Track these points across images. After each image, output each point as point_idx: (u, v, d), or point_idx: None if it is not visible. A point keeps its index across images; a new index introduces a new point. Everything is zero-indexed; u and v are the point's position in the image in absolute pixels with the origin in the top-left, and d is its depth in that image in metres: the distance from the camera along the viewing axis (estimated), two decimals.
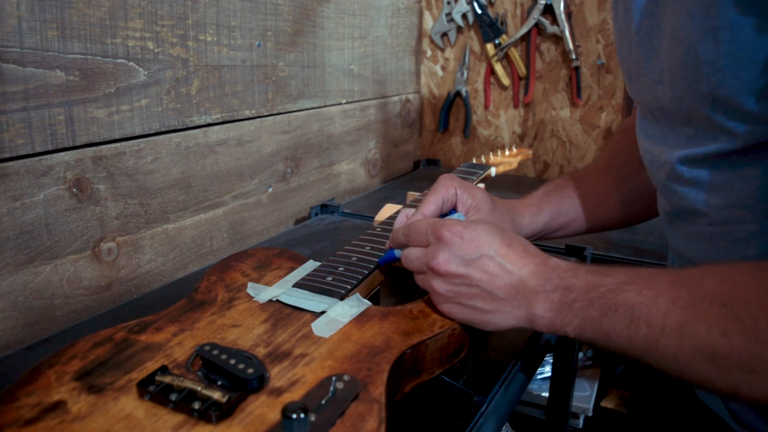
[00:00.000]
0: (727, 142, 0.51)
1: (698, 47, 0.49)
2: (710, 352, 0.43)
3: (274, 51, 1.07)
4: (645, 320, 0.47)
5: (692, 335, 0.44)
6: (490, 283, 0.54)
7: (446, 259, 0.55)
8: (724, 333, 0.43)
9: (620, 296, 0.48)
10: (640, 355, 0.48)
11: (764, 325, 0.41)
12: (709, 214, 0.56)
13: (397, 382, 0.52)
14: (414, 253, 0.60)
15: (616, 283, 0.50)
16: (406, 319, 0.58)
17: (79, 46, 0.74)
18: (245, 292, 0.63)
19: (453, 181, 0.71)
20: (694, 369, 0.45)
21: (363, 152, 1.40)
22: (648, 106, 0.62)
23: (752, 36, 0.46)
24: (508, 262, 0.55)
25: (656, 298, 0.47)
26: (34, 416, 0.44)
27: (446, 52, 1.57)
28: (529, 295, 0.54)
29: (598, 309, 0.49)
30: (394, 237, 0.65)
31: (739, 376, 0.43)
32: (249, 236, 1.07)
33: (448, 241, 0.56)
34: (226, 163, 1.00)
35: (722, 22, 0.47)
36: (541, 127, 1.50)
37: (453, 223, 0.57)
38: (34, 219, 0.72)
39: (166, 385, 0.47)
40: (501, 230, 0.58)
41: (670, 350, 0.46)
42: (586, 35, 1.39)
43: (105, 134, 0.79)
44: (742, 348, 0.42)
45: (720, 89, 0.49)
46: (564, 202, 0.80)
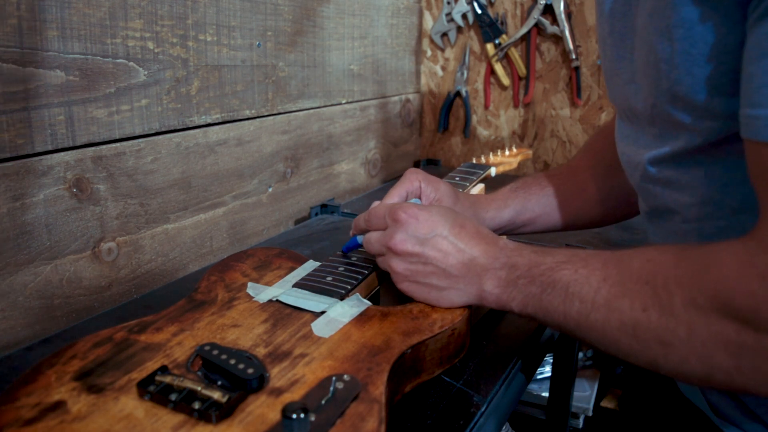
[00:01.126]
0: (688, 139, 0.53)
1: (657, 46, 0.51)
2: (632, 326, 0.47)
3: (274, 51, 1.07)
4: (578, 296, 0.50)
5: (617, 310, 0.48)
6: (444, 261, 0.58)
7: (402, 239, 0.59)
8: (644, 308, 0.46)
9: (558, 274, 0.52)
10: (573, 330, 0.51)
11: (678, 300, 0.45)
12: (681, 212, 0.57)
13: (397, 382, 0.53)
14: (374, 236, 0.63)
15: (555, 261, 0.53)
16: (406, 319, 0.58)
17: (79, 46, 0.74)
18: (245, 292, 0.63)
19: (418, 175, 0.74)
20: (619, 343, 0.48)
21: (363, 152, 1.40)
22: (621, 107, 0.63)
23: (704, 33, 0.47)
24: (460, 242, 0.58)
25: (589, 276, 0.50)
26: (34, 416, 0.44)
27: (446, 52, 1.57)
28: (480, 273, 0.57)
29: (538, 285, 0.53)
30: (356, 224, 0.68)
31: (656, 348, 0.46)
32: (249, 236, 1.07)
33: (404, 222, 0.59)
34: (226, 163, 1.00)
35: (676, 20, 0.48)
36: (541, 127, 1.50)
37: (409, 205, 0.61)
38: (34, 219, 0.72)
39: (166, 385, 0.47)
40: (455, 213, 0.61)
41: (599, 324, 0.49)
42: (586, 35, 1.39)
43: (105, 134, 0.79)
44: (658, 322, 0.45)
45: (677, 86, 0.50)
46: (530, 199, 0.81)
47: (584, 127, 1.45)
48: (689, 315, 0.44)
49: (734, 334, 0.42)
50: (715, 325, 0.43)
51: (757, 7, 0.42)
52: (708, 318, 0.43)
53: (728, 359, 0.43)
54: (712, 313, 0.43)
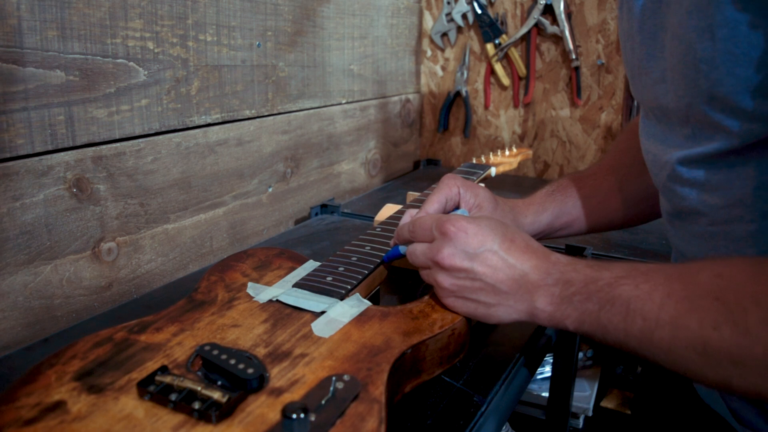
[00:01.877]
0: (724, 141, 0.51)
1: (696, 45, 0.50)
2: (702, 345, 0.44)
3: (274, 51, 1.07)
4: (640, 313, 0.47)
5: (685, 328, 0.45)
6: (494, 276, 0.55)
7: (451, 254, 0.56)
8: (716, 326, 0.44)
9: (617, 290, 0.49)
10: (636, 348, 0.49)
11: (754, 318, 0.42)
12: (709, 214, 0.56)
13: (397, 382, 0.52)
14: (419, 249, 0.60)
15: (613, 277, 0.50)
16: (406, 319, 0.58)
17: (79, 46, 0.74)
18: (245, 292, 0.63)
19: (456, 180, 0.72)
20: (687, 362, 0.46)
21: (363, 152, 1.40)
22: (649, 106, 0.62)
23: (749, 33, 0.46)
24: (510, 257, 0.56)
25: (652, 291, 0.47)
26: (34, 416, 0.44)
27: (446, 52, 1.57)
28: (531, 289, 0.54)
29: (596, 302, 0.50)
30: (399, 233, 0.66)
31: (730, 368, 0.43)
32: (249, 236, 1.07)
33: (452, 236, 0.57)
34: (226, 163, 1.00)
35: (719, 19, 0.47)
36: (541, 127, 1.50)
37: (457, 218, 0.58)
38: (34, 219, 0.72)
39: (166, 385, 0.47)
40: (504, 225, 0.59)
41: (664, 343, 0.46)
42: (586, 35, 1.39)
43: (105, 134, 0.79)
44: (732, 341, 0.43)
45: (717, 87, 0.49)
46: (567, 202, 0.80)
47: (584, 127, 1.45)
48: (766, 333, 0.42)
49: None
50: None
51: None
52: None
53: None
54: None
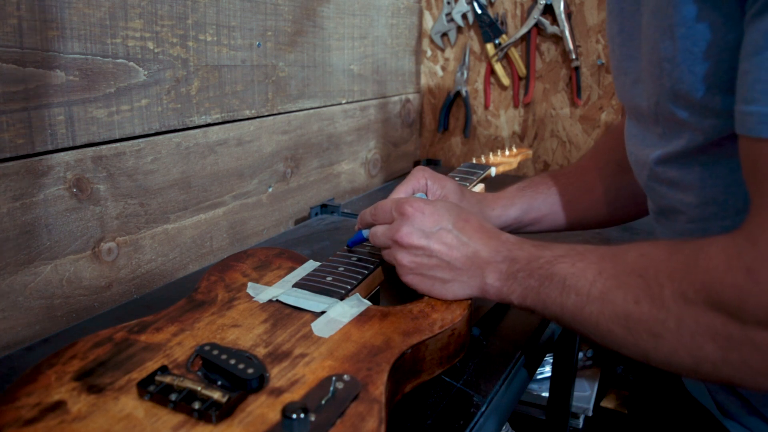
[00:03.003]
0: (690, 138, 0.53)
1: (659, 44, 0.51)
2: (625, 318, 0.48)
3: (274, 51, 1.07)
4: (574, 289, 0.51)
5: (611, 302, 0.49)
6: (448, 254, 0.59)
7: (408, 232, 0.60)
8: (637, 300, 0.47)
9: (555, 267, 0.53)
10: (570, 322, 0.52)
11: (669, 292, 0.45)
12: (686, 212, 0.57)
13: (397, 382, 0.53)
14: (380, 230, 0.64)
15: (553, 255, 0.54)
16: (406, 319, 0.58)
17: (79, 46, 0.74)
18: (245, 292, 0.63)
19: (425, 172, 0.76)
20: (612, 334, 0.49)
21: (363, 152, 1.40)
22: (628, 106, 0.64)
23: (705, 31, 0.47)
24: (464, 235, 0.59)
25: (585, 269, 0.51)
26: (34, 416, 0.44)
27: (446, 52, 1.57)
28: (482, 265, 0.58)
29: (537, 279, 0.54)
30: (362, 218, 0.69)
31: (647, 339, 0.47)
32: (249, 236, 1.07)
33: (410, 216, 0.61)
34: (226, 163, 1.00)
35: (677, 19, 0.49)
36: (541, 127, 1.50)
37: (415, 199, 0.62)
38: (34, 219, 0.72)
39: (166, 385, 0.47)
40: (459, 207, 0.63)
41: (593, 317, 0.50)
42: (586, 35, 1.39)
43: (105, 134, 0.79)
44: (649, 313, 0.46)
45: (679, 85, 0.51)
46: (537, 198, 0.82)
47: (584, 127, 1.45)
48: (679, 307, 0.45)
49: (721, 327, 0.43)
50: (703, 317, 0.44)
51: (754, 4, 0.43)
52: (696, 310, 0.44)
53: (716, 351, 0.44)
54: (701, 306, 0.44)
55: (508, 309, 0.75)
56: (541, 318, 0.73)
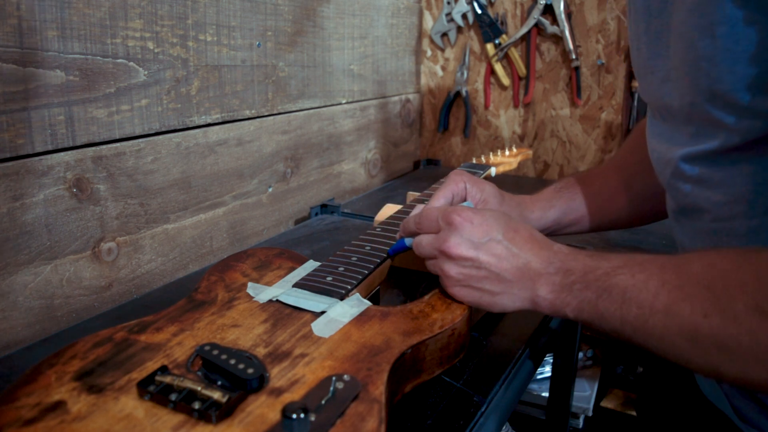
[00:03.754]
0: (725, 138, 0.52)
1: (697, 43, 0.50)
2: (692, 332, 0.45)
3: (274, 51, 1.07)
4: (636, 301, 0.49)
5: (677, 315, 0.46)
6: (498, 265, 0.57)
7: (457, 243, 0.58)
8: (705, 314, 0.45)
9: (614, 279, 0.51)
10: (631, 335, 0.50)
11: (741, 306, 0.43)
12: (712, 210, 0.56)
13: (397, 382, 0.52)
14: (425, 239, 0.62)
15: (611, 266, 0.52)
16: (406, 319, 0.58)
17: (79, 46, 0.74)
18: (245, 292, 0.63)
19: (463, 176, 0.74)
20: (678, 349, 0.47)
21: (363, 152, 1.40)
22: (655, 105, 0.63)
23: (748, 30, 0.47)
24: (514, 246, 0.57)
25: (647, 281, 0.49)
26: (34, 416, 0.44)
27: (446, 52, 1.57)
28: (534, 277, 0.56)
29: (594, 291, 0.52)
30: (405, 226, 0.67)
31: (718, 355, 0.45)
32: (249, 236, 1.07)
33: (458, 226, 0.58)
34: (226, 163, 1.00)
35: (719, 17, 0.48)
36: (541, 127, 1.50)
37: (463, 209, 0.60)
38: (34, 219, 0.72)
39: (166, 385, 0.47)
40: (508, 217, 0.61)
41: (657, 330, 0.48)
42: (586, 35, 1.39)
43: (105, 134, 0.79)
44: (720, 328, 0.44)
45: (718, 84, 0.50)
46: (574, 200, 0.81)
47: (584, 127, 1.45)
48: (751, 320, 0.42)
49: None
50: None
51: None
52: None
53: None
54: None
55: None
56: (542, 318, 0.73)
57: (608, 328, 0.52)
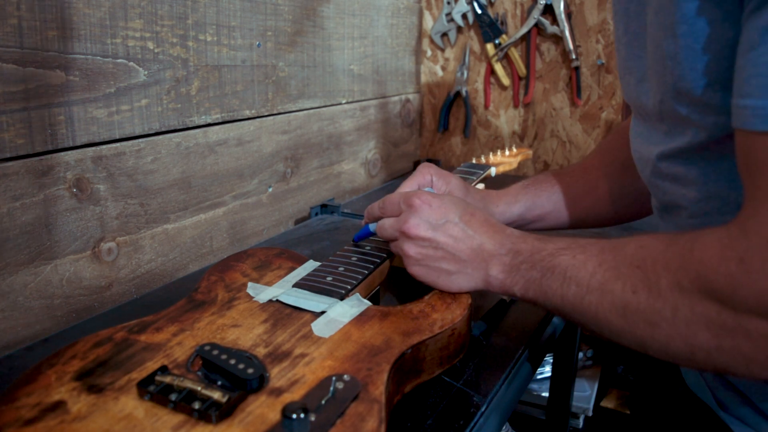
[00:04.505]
0: (693, 135, 0.53)
1: (662, 42, 0.52)
2: (623, 308, 0.49)
3: (274, 51, 1.07)
4: (575, 280, 0.52)
5: (610, 293, 0.50)
6: (454, 246, 0.60)
7: (416, 224, 0.61)
8: (634, 290, 0.48)
9: (557, 259, 0.54)
10: (570, 312, 0.54)
11: (665, 282, 0.46)
12: (688, 207, 0.58)
13: (397, 382, 0.53)
14: (388, 222, 0.65)
15: (555, 248, 0.55)
16: (406, 319, 0.58)
17: (79, 46, 0.74)
18: (245, 292, 0.63)
19: (430, 169, 0.77)
20: (611, 324, 0.50)
21: (363, 152, 1.40)
22: (634, 105, 0.64)
23: (706, 28, 0.48)
24: (470, 228, 0.61)
25: (586, 261, 0.52)
26: (34, 416, 0.44)
27: (446, 52, 1.57)
28: (487, 258, 0.60)
29: (539, 270, 0.56)
30: (370, 212, 0.71)
31: (644, 328, 0.48)
32: (249, 236, 1.07)
33: (417, 208, 0.62)
34: (226, 163, 1.00)
35: (678, 17, 0.49)
36: (541, 127, 1.50)
37: (423, 192, 0.64)
38: (34, 219, 0.72)
39: (166, 385, 0.47)
40: (465, 202, 0.65)
41: (592, 307, 0.51)
42: (586, 35, 1.39)
43: (105, 134, 0.79)
44: (646, 303, 0.47)
45: (681, 82, 0.51)
46: (540, 196, 0.82)
47: (584, 127, 1.45)
48: (674, 296, 0.46)
49: (715, 315, 0.44)
50: (698, 306, 0.45)
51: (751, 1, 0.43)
52: (691, 299, 0.45)
53: (710, 339, 0.45)
54: (695, 295, 0.45)
55: (508, 308, 0.75)
56: (542, 317, 0.73)
57: (551, 306, 0.55)
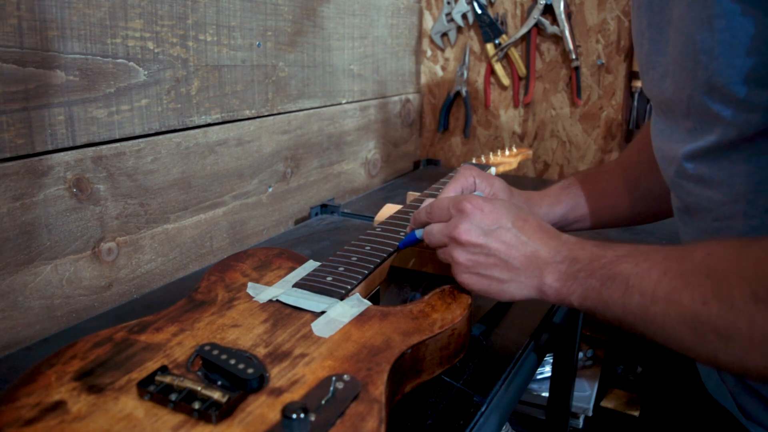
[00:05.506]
0: (723, 132, 0.52)
1: (696, 36, 0.51)
2: (692, 319, 0.46)
3: (274, 51, 1.07)
4: (638, 289, 0.49)
5: (677, 303, 0.47)
6: (507, 253, 0.58)
7: (467, 229, 0.59)
8: (705, 301, 0.45)
9: (618, 267, 0.51)
10: (633, 323, 0.51)
11: (738, 293, 0.44)
12: (713, 209, 0.57)
13: (397, 382, 0.52)
14: (436, 228, 0.63)
15: (616, 255, 0.53)
16: (406, 319, 0.58)
17: (79, 46, 0.74)
18: (245, 292, 0.63)
19: (472, 171, 0.75)
20: (678, 336, 0.48)
21: (363, 152, 1.40)
22: (656, 101, 0.63)
23: (746, 23, 0.47)
24: (523, 235, 0.58)
25: (650, 269, 0.49)
26: (34, 416, 0.44)
27: (446, 52, 1.57)
28: (541, 266, 0.57)
29: (598, 279, 0.52)
30: (416, 217, 0.68)
31: (716, 342, 0.45)
32: (249, 236, 1.07)
33: (469, 213, 0.59)
34: (226, 163, 1.00)
35: (717, 10, 0.48)
36: (541, 127, 1.50)
37: (473, 197, 0.61)
38: (34, 219, 0.72)
39: (166, 385, 0.47)
40: (517, 207, 0.62)
41: (658, 318, 0.48)
42: (586, 35, 1.39)
43: (105, 134, 0.79)
44: (718, 315, 0.44)
45: (716, 77, 0.50)
46: (581, 197, 0.82)
47: (584, 127, 1.45)
48: (749, 307, 0.43)
49: None
50: None
51: None
52: None
53: None
54: None
55: (509, 307, 0.75)
56: (542, 317, 0.73)
57: (611, 316, 0.52)
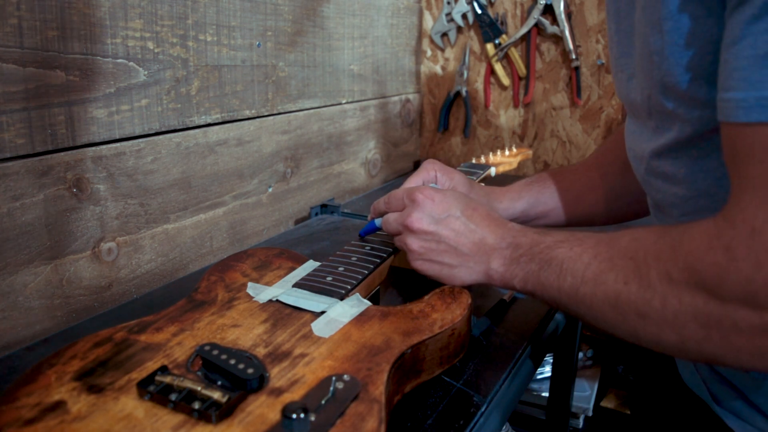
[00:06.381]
0: (680, 129, 0.54)
1: (649, 39, 0.53)
2: (615, 299, 0.50)
3: (274, 51, 1.07)
4: (570, 272, 0.53)
5: (603, 284, 0.51)
6: (456, 240, 0.62)
7: (419, 218, 0.63)
8: (626, 281, 0.49)
9: (554, 251, 0.56)
10: (566, 304, 0.55)
11: (654, 273, 0.47)
12: (679, 205, 0.59)
13: (397, 382, 0.53)
14: (392, 216, 0.68)
15: (553, 240, 0.57)
16: (406, 319, 0.58)
17: (79, 46, 0.74)
18: (245, 292, 0.63)
19: (434, 165, 0.79)
20: (603, 315, 0.51)
21: (363, 152, 1.40)
22: (626, 102, 0.65)
23: (690, 24, 0.49)
24: (472, 223, 0.62)
25: (582, 253, 0.53)
26: (34, 416, 0.44)
27: (446, 52, 1.57)
28: (488, 251, 0.61)
29: (537, 263, 0.57)
30: (375, 207, 0.73)
31: (635, 319, 0.49)
32: (249, 236, 1.07)
33: (420, 202, 0.64)
34: (226, 163, 1.00)
35: (664, 12, 0.50)
36: (541, 127, 1.50)
37: (426, 187, 0.66)
38: (34, 219, 0.72)
39: (166, 385, 0.47)
40: (468, 197, 0.66)
41: (587, 298, 0.52)
42: (586, 35, 1.39)
43: (105, 134, 0.79)
44: (637, 294, 0.48)
45: (667, 77, 0.52)
46: (544, 193, 0.84)
47: (584, 127, 1.45)
48: (663, 287, 0.46)
49: (703, 305, 0.44)
50: (686, 297, 0.45)
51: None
52: (680, 290, 0.46)
53: (699, 329, 0.45)
54: (684, 285, 0.45)
55: (508, 308, 0.75)
56: (542, 317, 0.73)
57: (548, 297, 0.56)
